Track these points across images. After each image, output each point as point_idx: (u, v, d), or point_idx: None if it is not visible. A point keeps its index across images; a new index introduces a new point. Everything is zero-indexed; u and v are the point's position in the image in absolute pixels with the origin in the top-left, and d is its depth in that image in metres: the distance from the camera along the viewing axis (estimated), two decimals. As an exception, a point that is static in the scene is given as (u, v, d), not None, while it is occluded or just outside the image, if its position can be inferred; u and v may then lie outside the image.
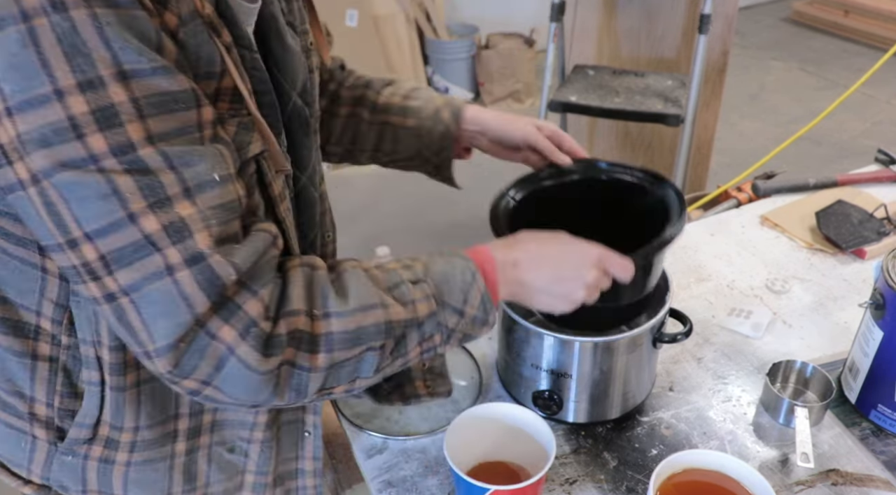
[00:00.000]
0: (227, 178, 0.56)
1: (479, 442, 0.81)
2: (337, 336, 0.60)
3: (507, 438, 0.81)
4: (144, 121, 0.51)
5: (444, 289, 0.65)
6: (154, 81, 0.51)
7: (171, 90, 0.52)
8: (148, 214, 0.52)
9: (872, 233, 1.22)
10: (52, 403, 0.70)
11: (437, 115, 0.96)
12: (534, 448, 0.79)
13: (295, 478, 0.83)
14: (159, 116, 0.51)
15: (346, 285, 0.62)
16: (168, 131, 0.52)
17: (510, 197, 0.92)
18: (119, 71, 0.49)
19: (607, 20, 2.53)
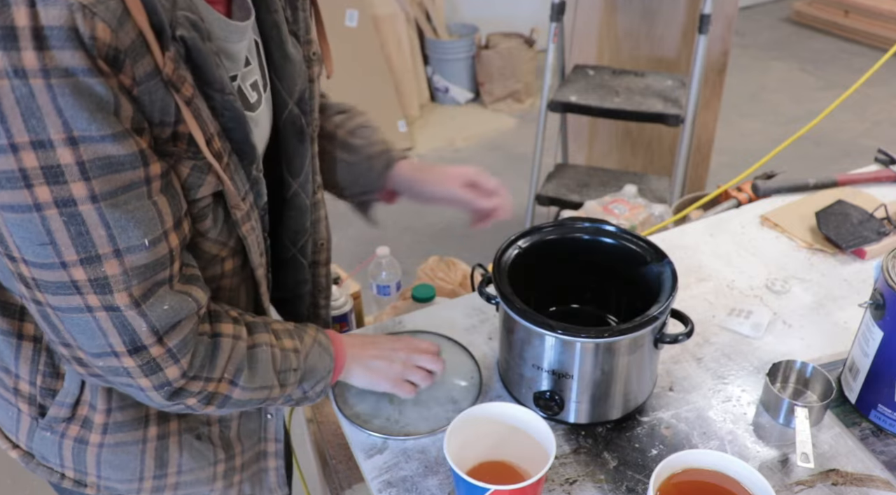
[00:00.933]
0: (158, 240, 0.62)
1: (480, 442, 0.81)
2: (232, 401, 0.75)
3: (508, 438, 0.81)
4: (89, 182, 0.56)
5: (308, 377, 0.81)
6: (101, 147, 0.55)
7: (118, 154, 0.57)
8: (77, 266, 0.58)
9: (872, 233, 1.22)
10: (35, 382, 0.75)
11: (370, 162, 1.00)
12: (534, 448, 0.79)
13: (258, 461, 0.90)
14: (104, 177, 0.56)
15: (257, 363, 0.75)
16: (112, 190, 0.57)
17: (517, 246, 0.95)
18: (69, 136, 0.54)
19: (607, 20, 2.53)
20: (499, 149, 3.57)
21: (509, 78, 3.83)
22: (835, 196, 1.32)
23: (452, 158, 3.50)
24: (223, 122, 0.67)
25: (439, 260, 1.63)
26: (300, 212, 0.88)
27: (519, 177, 3.24)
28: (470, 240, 2.88)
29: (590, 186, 2.47)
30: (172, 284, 0.65)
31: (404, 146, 3.53)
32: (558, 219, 0.98)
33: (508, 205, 1.01)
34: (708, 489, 0.74)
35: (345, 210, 1.08)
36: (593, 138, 2.80)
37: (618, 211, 1.71)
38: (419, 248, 2.82)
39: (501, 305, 0.90)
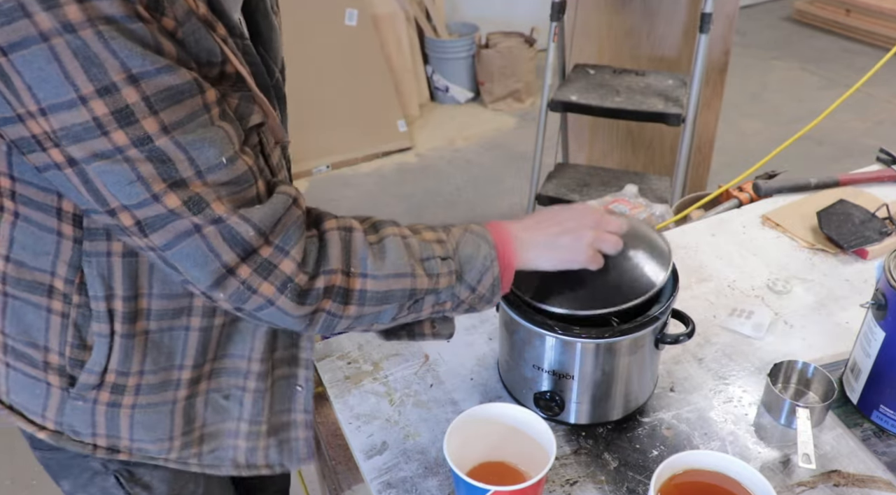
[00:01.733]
0: (234, 158, 0.64)
1: (480, 442, 0.81)
2: (370, 294, 0.71)
3: (508, 439, 0.81)
4: (157, 115, 0.59)
5: (466, 268, 0.76)
6: (160, 79, 0.58)
7: (176, 84, 0.59)
8: (169, 193, 0.61)
9: (874, 232, 1.21)
10: (64, 353, 0.76)
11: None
12: (534, 448, 0.79)
13: (288, 430, 0.89)
14: (169, 108, 0.59)
15: (385, 250, 0.72)
16: (180, 119, 0.60)
17: None
18: (129, 75, 0.57)
19: (608, 19, 2.52)
20: (499, 148, 3.56)
21: (509, 77, 3.83)
22: (836, 196, 1.32)
23: (452, 158, 3.49)
24: (248, 65, 0.70)
25: (439, 259, 1.63)
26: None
27: (519, 177, 3.24)
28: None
29: (590, 186, 2.46)
30: (261, 198, 0.67)
31: (404, 145, 3.53)
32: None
33: None
34: (709, 490, 0.73)
35: (344, 210, 1.07)
36: (594, 138, 2.79)
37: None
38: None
39: (501, 305, 0.90)
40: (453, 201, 3.16)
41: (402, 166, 3.44)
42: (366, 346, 1.06)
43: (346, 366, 1.04)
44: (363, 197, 3.19)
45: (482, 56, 3.81)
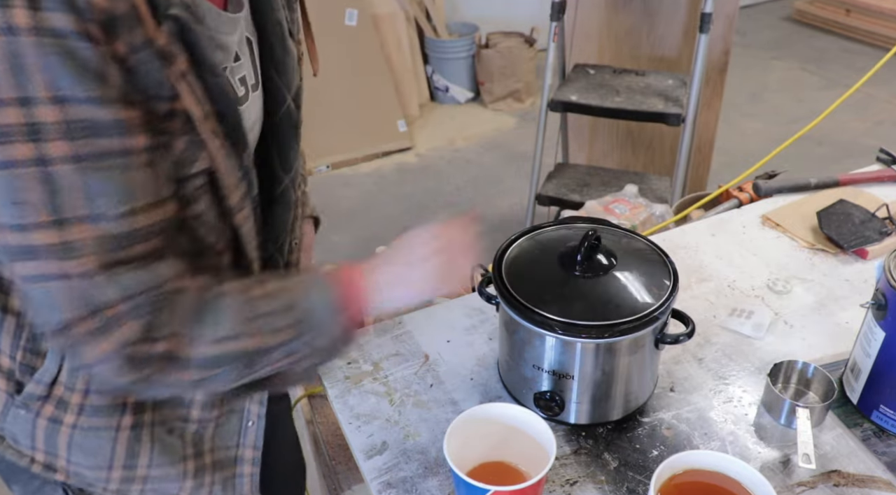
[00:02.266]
0: (138, 210, 0.60)
1: (479, 442, 0.81)
2: (203, 359, 0.66)
3: (508, 438, 0.81)
4: (70, 141, 0.56)
5: (310, 318, 0.70)
6: (85, 109, 0.55)
7: (100, 119, 0.56)
8: (49, 229, 0.57)
9: (874, 232, 1.21)
10: (16, 357, 0.74)
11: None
12: (534, 448, 0.79)
13: (234, 466, 0.87)
14: (85, 140, 0.56)
15: (221, 313, 0.67)
16: (92, 153, 0.57)
17: (518, 246, 0.94)
18: (54, 95, 0.54)
19: (608, 19, 2.52)
20: (499, 148, 3.56)
21: (509, 77, 3.83)
22: (836, 196, 1.32)
23: (452, 158, 3.49)
24: (216, 105, 0.66)
25: (439, 259, 1.63)
26: (286, 208, 0.88)
27: (519, 177, 3.24)
28: (470, 239, 2.88)
29: (590, 186, 2.46)
30: (144, 262, 0.62)
31: (404, 145, 3.53)
32: (559, 219, 0.97)
33: None
34: (709, 490, 0.73)
35: (344, 210, 1.07)
36: (594, 138, 2.79)
37: (619, 210, 1.70)
38: (419, 248, 2.82)
39: (502, 305, 0.90)
40: (453, 201, 3.16)
41: (402, 166, 3.44)
42: (366, 346, 1.06)
43: (346, 366, 1.04)
44: (363, 197, 3.19)
45: (482, 56, 3.81)
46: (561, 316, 0.83)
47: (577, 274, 0.87)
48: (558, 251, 0.90)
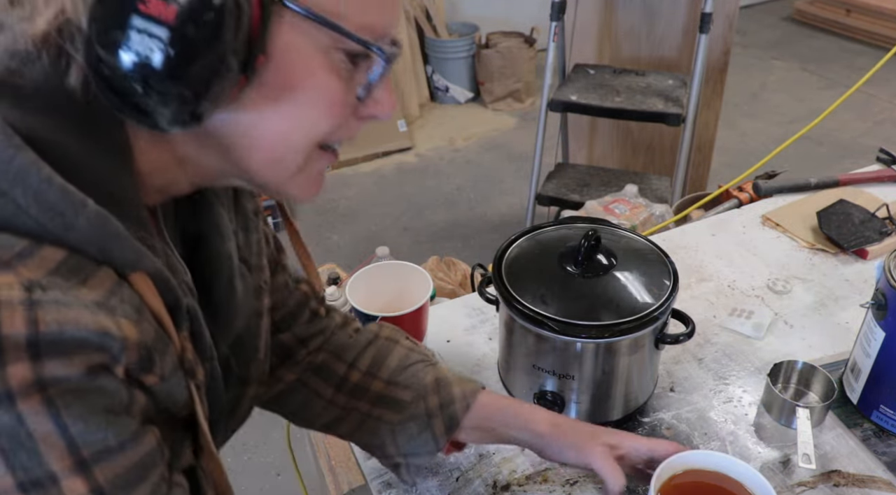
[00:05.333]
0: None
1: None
2: None
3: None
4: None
5: None
6: (121, 458, 0.44)
7: (139, 459, 0.45)
8: None
9: (874, 232, 1.21)
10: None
11: (428, 422, 0.74)
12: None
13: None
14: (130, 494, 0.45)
15: None
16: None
17: (518, 246, 0.94)
18: (78, 460, 0.41)
19: (608, 19, 2.52)
20: (499, 148, 3.56)
21: (509, 77, 3.82)
22: (836, 196, 1.32)
23: (452, 158, 3.49)
24: (211, 397, 0.57)
25: (439, 260, 1.63)
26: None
27: (519, 177, 3.24)
28: (470, 240, 2.88)
29: (590, 186, 2.46)
30: None
31: (404, 145, 3.53)
32: (559, 219, 0.97)
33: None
34: (709, 490, 0.73)
35: (344, 210, 1.06)
36: (594, 138, 2.79)
37: (618, 210, 1.70)
38: (419, 248, 2.82)
39: (502, 305, 0.90)
40: (453, 201, 3.16)
41: (402, 166, 3.44)
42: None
43: (346, 366, 1.04)
44: (363, 197, 3.19)
45: (482, 56, 3.81)
46: (561, 316, 0.83)
47: (577, 274, 0.87)
48: (558, 251, 0.90)
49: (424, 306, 0.96)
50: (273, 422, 2.25)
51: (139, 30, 0.40)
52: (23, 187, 0.41)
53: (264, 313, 0.68)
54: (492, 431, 0.76)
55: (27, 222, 0.41)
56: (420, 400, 0.75)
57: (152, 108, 0.42)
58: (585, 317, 0.83)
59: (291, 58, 0.46)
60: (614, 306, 0.84)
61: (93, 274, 0.43)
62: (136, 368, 0.45)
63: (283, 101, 0.47)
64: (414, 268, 1.01)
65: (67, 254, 0.42)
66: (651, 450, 0.72)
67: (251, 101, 0.46)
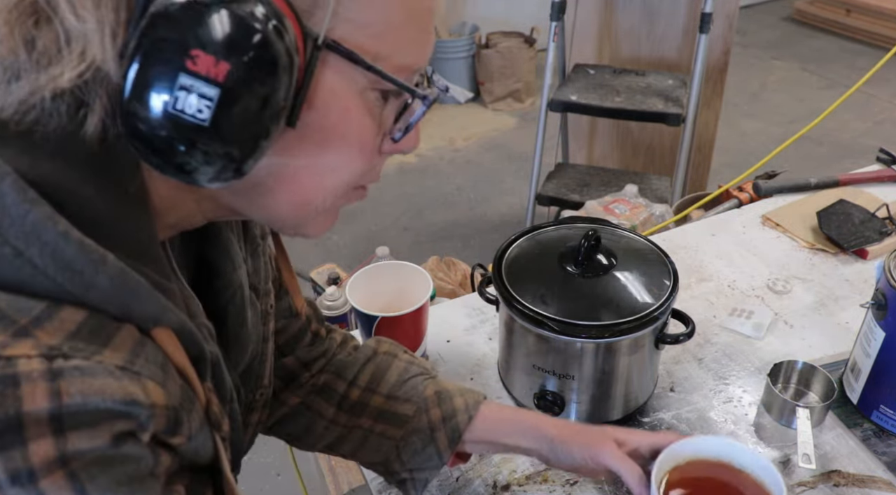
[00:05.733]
0: None
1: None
2: None
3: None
4: None
5: None
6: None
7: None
8: None
9: (874, 232, 1.21)
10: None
11: (431, 435, 0.74)
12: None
13: None
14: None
15: None
16: None
17: (517, 246, 0.94)
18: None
19: (608, 19, 2.52)
20: (499, 148, 3.56)
21: (509, 77, 3.82)
22: (836, 196, 1.32)
23: (452, 158, 3.49)
24: (231, 435, 0.55)
25: (439, 260, 1.63)
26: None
27: (519, 177, 3.24)
28: (470, 240, 2.88)
29: (590, 186, 2.46)
30: None
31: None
32: (559, 219, 0.97)
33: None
34: (713, 482, 0.69)
35: (344, 210, 1.06)
36: (594, 138, 2.79)
37: (618, 210, 1.70)
38: (419, 248, 2.82)
39: (502, 305, 0.90)
40: (453, 201, 3.16)
41: (402, 166, 3.44)
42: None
43: (346, 365, 1.04)
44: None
45: (482, 56, 3.81)
46: (561, 316, 0.83)
47: (577, 274, 0.87)
48: (558, 251, 0.90)
49: (424, 306, 0.96)
50: (273, 422, 2.22)
51: (186, 88, 0.38)
52: (39, 246, 0.39)
53: (270, 338, 0.66)
54: (496, 442, 0.75)
55: (45, 282, 0.39)
56: (422, 414, 0.74)
57: (194, 167, 0.41)
58: (585, 317, 0.83)
59: (330, 101, 0.44)
60: (614, 306, 0.84)
61: (115, 333, 0.41)
62: (164, 433, 0.43)
63: (318, 144, 0.45)
64: (414, 268, 1.01)
65: (88, 315, 0.40)
66: (655, 444, 0.72)
67: (287, 145, 0.44)
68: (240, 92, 0.39)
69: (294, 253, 0.72)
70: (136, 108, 0.38)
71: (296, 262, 0.73)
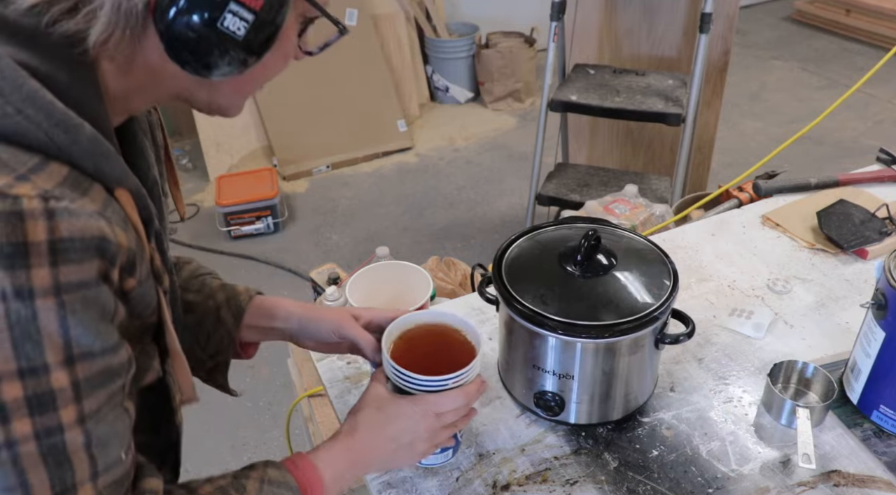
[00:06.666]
0: (129, 448, 0.57)
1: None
2: None
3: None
4: (80, 402, 0.51)
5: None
6: (99, 361, 0.51)
7: (112, 366, 0.53)
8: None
9: (874, 232, 1.21)
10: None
11: (217, 315, 0.84)
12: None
13: None
14: (94, 394, 0.52)
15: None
16: (99, 406, 0.52)
17: (517, 246, 0.95)
18: (68, 356, 0.49)
19: (608, 19, 2.52)
20: (499, 148, 3.56)
21: (509, 77, 3.83)
22: (836, 195, 1.32)
23: (452, 158, 3.49)
24: (174, 308, 0.65)
25: (439, 260, 1.63)
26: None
27: (519, 177, 3.24)
28: (470, 240, 2.88)
29: (590, 186, 2.46)
30: (131, 488, 0.58)
31: (404, 145, 3.53)
32: (559, 219, 0.97)
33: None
34: (431, 339, 0.84)
35: (344, 210, 1.06)
36: (594, 138, 2.79)
37: (618, 210, 1.70)
38: (419, 248, 2.82)
39: (502, 305, 0.90)
40: (453, 201, 3.16)
41: (402, 166, 3.44)
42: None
43: (346, 366, 1.04)
44: (363, 197, 3.19)
45: (482, 56, 3.81)
46: (561, 316, 0.83)
47: (577, 274, 0.87)
48: (558, 251, 0.91)
49: (424, 306, 0.96)
50: (273, 422, 2.26)
51: (233, 12, 0.54)
52: (35, 107, 0.49)
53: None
54: (259, 326, 0.85)
55: (39, 136, 0.49)
56: (209, 299, 0.85)
57: (217, 66, 0.56)
58: (585, 317, 0.83)
59: (287, 23, 0.59)
60: (614, 306, 0.84)
61: (91, 188, 0.52)
62: (125, 271, 0.53)
63: (269, 52, 0.58)
64: (414, 268, 1.01)
65: (70, 170, 0.51)
66: (387, 318, 0.84)
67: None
68: (264, 18, 0.55)
69: (294, 253, 0.74)
70: (187, 20, 0.53)
71: (296, 262, 0.74)
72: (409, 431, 0.76)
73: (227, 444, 2.03)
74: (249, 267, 2.76)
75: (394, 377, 0.79)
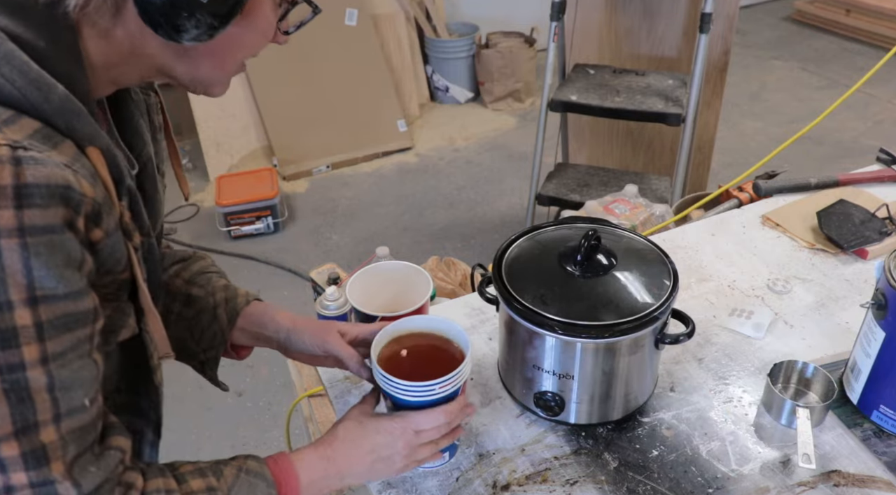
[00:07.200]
0: (95, 397, 0.59)
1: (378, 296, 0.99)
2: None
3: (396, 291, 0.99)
4: (43, 343, 0.53)
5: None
6: (62, 305, 0.54)
7: (76, 311, 0.55)
8: (10, 441, 0.53)
9: (874, 232, 1.21)
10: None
11: (214, 312, 0.87)
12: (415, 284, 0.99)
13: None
14: (58, 337, 0.54)
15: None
16: (63, 350, 0.54)
17: (518, 246, 0.95)
18: (31, 296, 0.52)
19: (608, 19, 2.52)
20: (499, 148, 3.56)
21: (509, 77, 3.82)
22: (836, 195, 1.32)
23: (452, 158, 3.49)
24: (148, 268, 0.68)
25: (439, 260, 1.63)
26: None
27: (519, 177, 3.24)
28: (470, 240, 2.88)
29: (590, 186, 2.46)
30: (98, 442, 0.60)
31: (404, 145, 3.53)
32: (559, 219, 0.97)
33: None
34: (422, 348, 0.85)
35: (344, 210, 1.05)
36: (594, 138, 2.79)
37: (618, 210, 1.70)
38: (419, 248, 2.82)
39: (502, 305, 0.90)
40: (453, 201, 3.16)
41: (402, 166, 3.44)
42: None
43: (346, 366, 1.04)
44: (363, 197, 3.19)
45: (482, 56, 3.81)
46: (561, 316, 0.83)
47: (577, 274, 0.87)
48: (558, 251, 0.91)
49: (424, 306, 0.96)
50: (273, 422, 2.25)
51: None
52: (10, 66, 0.53)
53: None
54: (250, 330, 0.88)
55: (12, 92, 0.53)
56: (210, 297, 0.87)
57: (186, 29, 0.58)
58: (585, 317, 0.83)
59: (263, 2, 0.62)
60: (614, 306, 0.84)
61: (61, 143, 0.55)
62: (91, 220, 0.55)
63: (243, 27, 0.61)
64: (414, 268, 1.01)
65: (42, 125, 0.54)
66: (372, 331, 0.85)
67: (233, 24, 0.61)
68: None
69: (294, 253, 0.74)
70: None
71: (296, 262, 0.75)
72: (386, 446, 0.77)
73: (227, 444, 2.03)
74: (249, 267, 2.76)
75: (382, 383, 0.79)
